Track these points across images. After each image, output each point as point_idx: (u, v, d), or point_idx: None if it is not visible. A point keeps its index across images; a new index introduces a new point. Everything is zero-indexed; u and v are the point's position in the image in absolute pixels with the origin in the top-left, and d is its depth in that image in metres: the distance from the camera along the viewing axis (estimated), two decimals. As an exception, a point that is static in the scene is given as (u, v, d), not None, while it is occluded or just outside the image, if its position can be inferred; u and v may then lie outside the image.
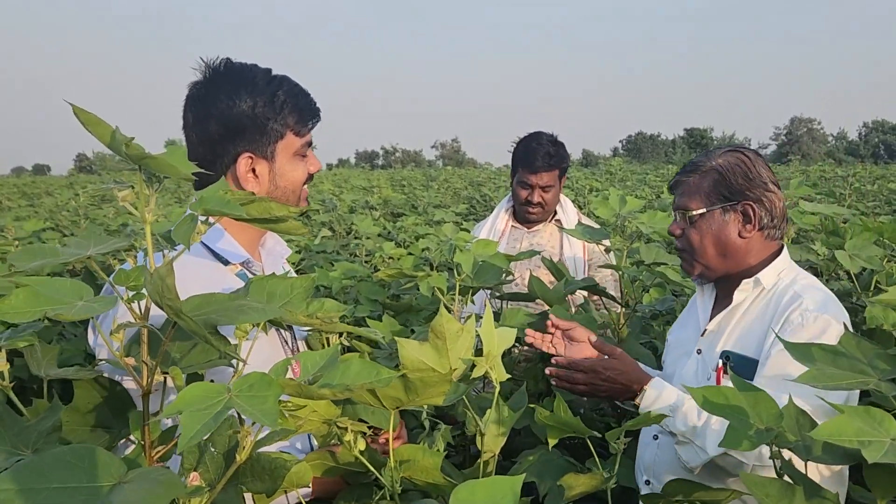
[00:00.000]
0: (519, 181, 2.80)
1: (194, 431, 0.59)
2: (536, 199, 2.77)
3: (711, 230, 1.60)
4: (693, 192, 1.62)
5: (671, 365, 1.77)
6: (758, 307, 1.58)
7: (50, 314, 0.70)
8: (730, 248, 1.60)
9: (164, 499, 0.60)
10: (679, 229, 1.65)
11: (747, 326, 1.58)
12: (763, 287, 1.58)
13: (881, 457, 0.86)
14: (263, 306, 0.74)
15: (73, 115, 0.72)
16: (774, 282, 1.59)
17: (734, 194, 1.59)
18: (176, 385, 0.77)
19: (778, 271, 1.60)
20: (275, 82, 1.37)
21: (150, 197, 0.72)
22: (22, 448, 0.77)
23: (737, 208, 1.59)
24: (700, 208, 1.60)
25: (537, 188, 2.76)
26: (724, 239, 1.59)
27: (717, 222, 1.59)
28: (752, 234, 1.59)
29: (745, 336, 1.57)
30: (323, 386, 0.74)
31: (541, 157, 2.72)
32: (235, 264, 1.36)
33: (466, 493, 0.73)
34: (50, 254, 0.74)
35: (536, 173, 2.73)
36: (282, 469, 0.81)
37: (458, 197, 13.46)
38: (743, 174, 1.59)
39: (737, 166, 1.60)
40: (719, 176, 1.59)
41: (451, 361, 1.06)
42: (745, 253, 1.60)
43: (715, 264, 1.62)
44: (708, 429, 1.44)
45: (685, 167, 1.68)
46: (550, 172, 2.75)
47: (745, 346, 1.56)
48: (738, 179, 1.58)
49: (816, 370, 1.05)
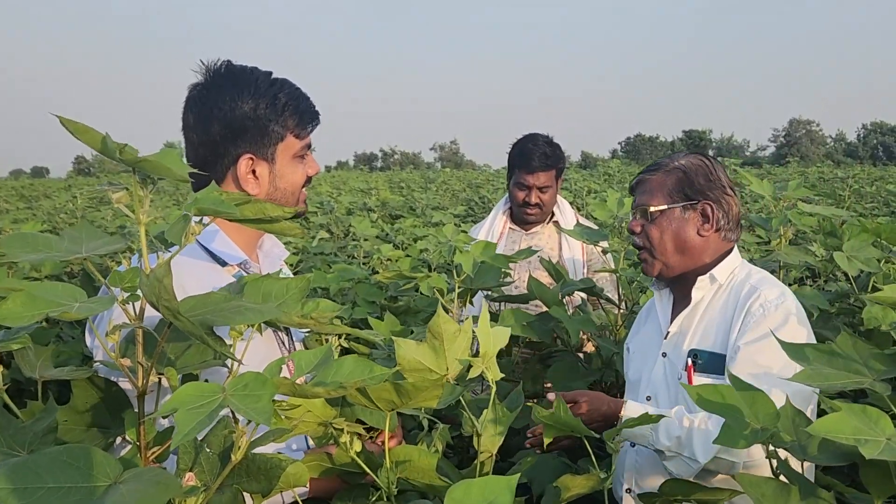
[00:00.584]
0: (516, 182, 2.81)
1: (189, 429, 0.59)
2: (534, 200, 2.77)
3: (671, 227, 1.65)
4: (656, 189, 1.68)
5: (636, 372, 1.78)
6: (717, 304, 1.63)
7: (52, 315, 0.70)
8: (688, 246, 1.65)
9: (160, 499, 0.60)
10: (639, 226, 1.69)
11: (710, 323, 1.62)
12: (719, 283, 1.64)
13: (878, 454, 0.86)
14: (260, 307, 0.74)
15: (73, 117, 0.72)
16: (729, 278, 1.65)
17: (695, 194, 1.65)
18: (171, 385, 0.77)
19: (731, 268, 1.66)
20: (276, 85, 1.38)
21: (144, 199, 0.72)
22: (18, 449, 0.77)
23: (696, 207, 1.65)
24: (661, 205, 1.66)
25: (534, 189, 2.77)
26: (682, 236, 1.65)
27: (676, 220, 1.65)
28: (709, 233, 1.65)
29: (709, 333, 1.61)
30: (317, 384, 0.75)
31: (537, 158, 2.73)
32: (232, 265, 1.37)
33: (461, 492, 0.73)
34: (43, 244, 0.74)
35: (533, 174, 2.74)
36: (277, 469, 0.81)
37: (457, 199, 13.47)
38: (704, 175, 1.66)
39: (699, 167, 1.67)
40: (683, 175, 1.66)
41: (448, 362, 1.07)
42: (701, 251, 1.66)
43: (673, 261, 1.67)
44: (693, 437, 1.43)
45: (649, 166, 1.75)
46: (547, 173, 2.75)
47: (710, 343, 1.60)
48: (699, 180, 1.65)
49: (811, 370, 1.06)
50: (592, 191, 11.26)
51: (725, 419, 1.01)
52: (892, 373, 1.05)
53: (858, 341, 1.08)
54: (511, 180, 2.86)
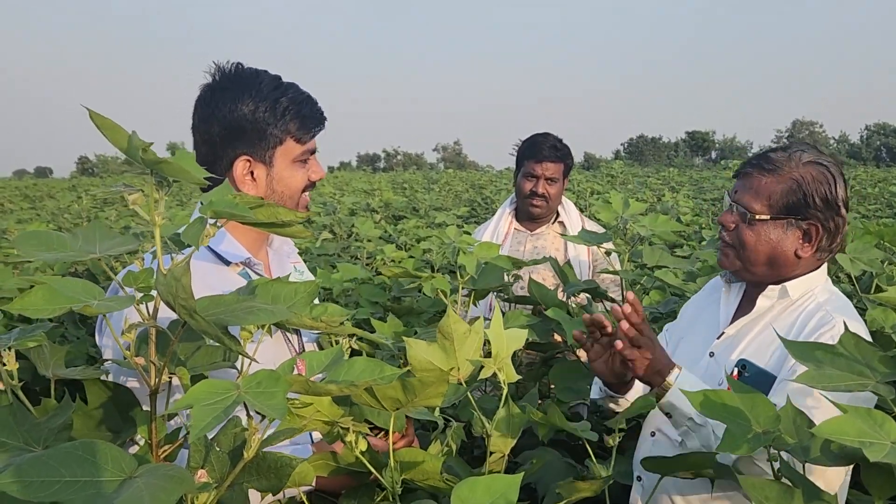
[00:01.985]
0: (525, 173, 2.84)
1: (204, 424, 0.60)
2: (541, 191, 2.80)
3: (769, 239, 1.49)
4: (762, 193, 1.49)
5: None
6: (785, 320, 1.50)
7: (74, 309, 0.71)
8: (780, 261, 1.50)
9: (175, 493, 0.61)
10: (733, 224, 1.53)
11: (769, 338, 1.48)
12: (790, 298, 1.50)
13: (883, 457, 0.87)
14: (272, 308, 0.75)
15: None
16: (805, 297, 1.50)
17: (804, 212, 1.46)
18: (182, 384, 0.79)
19: (810, 286, 1.51)
20: (280, 88, 1.39)
21: (160, 200, 0.73)
22: (34, 444, 0.78)
23: (801, 226, 1.48)
24: (764, 214, 1.48)
25: (542, 179, 2.80)
26: (778, 251, 1.49)
27: (776, 233, 1.48)
28: (807, 254, 1.49)
29: (765, 347, 1.48)
30: (329, 382, 0.76)
31: (547, 148, 2.80)
32: (237, 263, 1.38)
33: (467, 490, 0.75)
34: (57, 244, 0.75)
35: (542, 163, 2.79)
36: (287, 468, 0.82)
37: (460, 199, 13.48)
38: (822, 195, 1.45)
39: (820, 185, 1.46)
40: (797, 189, 1.46)
41: (459, 362, 1.08)
42: (792, 268, 1.50)
43: (760, 272, 1.53)
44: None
45: (762, 161, 1.52)
46: (556, 164, 2.80)
47: (763, 359, 1.47)
48: (815, 200, 1.45)
49: (815, 370, 1.06)
50: (596, 192, 11.27)
51: (727, 424, 1.02)
52: (895, 376, 1.06)
53: (862, 342, 1.09)
54: (519, 173, 2.89)
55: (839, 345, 1.08)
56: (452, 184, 17.97)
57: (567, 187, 2.99)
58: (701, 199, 10.81)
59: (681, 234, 5.87)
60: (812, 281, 1.51)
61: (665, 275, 2.34)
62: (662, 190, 13.99)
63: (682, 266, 2.40)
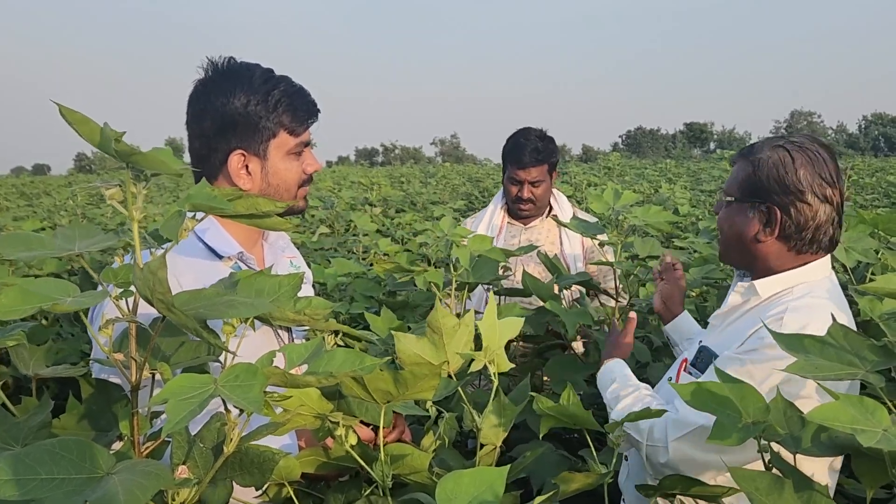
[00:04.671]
0: (509, 178, 2.81)
1: (179, 418, 0.60)
2: (526, 195, 2.77)
3: (735, 221, 1.52)
4: (734, 177, 1.54)
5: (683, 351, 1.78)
6: (749, 318, 1.48)
7: (45, 308, 0.71)
8: (744, 247, 1.51)
9: (150, 490, 0.60)
10: (718, 209, 1.60)
11: (733, 331, 1.50)
12: (759, 296, 1.48)
13: (875, 443, 0.87)
14: (252, 301, 0.75)
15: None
16: (775, 295, 1.47)
17: (761, 193, 1.47)
18: (164, 379, 0.78)
19: (786, 284, 1.47)
20: (271, 81, 1.39)
21: (137, 194, 0.73)
22: (12, 443, 0.78)
23: (761, 208, 1.47)
24: (732, 195, 1.53)
25: (526, 184, 2.76)
26: (741, 235, 1.51)
27: (741, 217, 1.51)
28: (768, 239, 1.47)
29: (726, 339, 1.50)
30: (308, 374, 0.75)
31: (528, 153, 2.72)
32: (229, 257, 1.38)
33: (452, 483, 0.74)
34: (37, 243, 0.74)
35: (525, 168, 2.73)
36: (270, 462, 0.82)
37: (457, 193, 13.47)
38: (777, 177, 1.45)
39: (774, 166, 1.45)
40: (752, 170, 1.48)
41: (449, 356, 1.07)
42: (762, 257, 1.50)
43: (732, 257, 1.57)
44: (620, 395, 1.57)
45: (745, 149, 1.57)
46: (539, 167, 2.75)
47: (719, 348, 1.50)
48: (769, 181, 1.46)
49: (805, 360, 1.06)
50: (593, 184, 11.26)
51: (717, 416, 1.01)
52: (885, 364, 1.05)
53: (850, 332, 1.08)
54: (504, 175, 2.86)
55: (828, 335, 1.08)
56: (449, 177, 17.95)
57: (564, 180, 2.97)
58: (698, 191, 10.82)
59: (677, 225, 5.86)
60: (788, 280, 1.47)
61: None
62: (660, 181, 13.98)
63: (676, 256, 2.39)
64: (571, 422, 1.27)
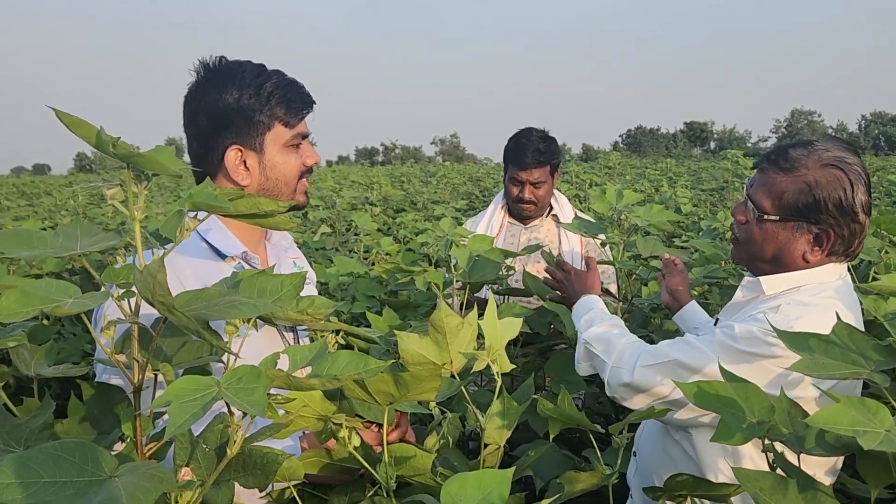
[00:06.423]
0: (510, 178, 2.80)
1: (182, 421, 0.59)
2: (527, 197, 2.76)
3: (777, 239, 1.43)
4: (773, 191, 1.42)
5: None
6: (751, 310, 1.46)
7: (46, 311, 0.70)
8: (786, 261, 1.44)
9: (154, 493, 0.60)
10: (744, 218, 1.49)
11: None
12: (764, 293, 1.45)
13: (876, 445, 0.86)
14: (254, 301, 0.74)
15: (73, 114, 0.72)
16: (780, 294, 1.44)
17: (812, 215, 1.39)
18: (166, 381, 0.78)
19: (794, 283, 1.43)
20: (263, 75, 1.39)
21: (138, 195, 0.72)
22: (14, 445, 0.77)
23: (812, 230, 1.40)
24: (773, 213, 1.42)
25: (528, 185, 2.75)
26: (786, 252, 1.43)
27: (784, 234, 1.42)
28: (817, 258, 1.42)
29: None
30: (311, 377, 0.75)
31: (530, 154, 2.70)
32: (233, 257, 1.38)
33: (457, 486, 0.73)
34: (38, 242, 0.74)
35: (526, 170, 2.72)
36: (274, 464, 0.81)
37: (457, 192, 13.47)
38: (836, 201, 1.37)
39: (834, 191, 1.37)
40: (809, 192, 1.38)
41: (452, 355, 1.07)
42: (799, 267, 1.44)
43: (764, 268, 1.48)
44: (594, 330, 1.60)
45: (780, 158, 1.44)
46: (541, 169, 2.73)
47: None
48: (827, 205, 1.37)
49: (810, 359, 1.05)
50: (594, 183, 11.25)
51: (722, 415, 1.01)
52: (890, 364, 1.05)
53: (855, 331, 1.08)
54: (506, 176, 2.85)
55: (832, 334, 1.08)
56: (450, 177, 17.94)
57: (564, 179, 2.96)
58: (699, 190, 10.80)
59: (679, 224, 5.86)
60: (796, 280, 1.44)
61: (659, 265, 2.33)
62: (660, 181, 13.97)
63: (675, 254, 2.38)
64: (571, 422, 1.27)
